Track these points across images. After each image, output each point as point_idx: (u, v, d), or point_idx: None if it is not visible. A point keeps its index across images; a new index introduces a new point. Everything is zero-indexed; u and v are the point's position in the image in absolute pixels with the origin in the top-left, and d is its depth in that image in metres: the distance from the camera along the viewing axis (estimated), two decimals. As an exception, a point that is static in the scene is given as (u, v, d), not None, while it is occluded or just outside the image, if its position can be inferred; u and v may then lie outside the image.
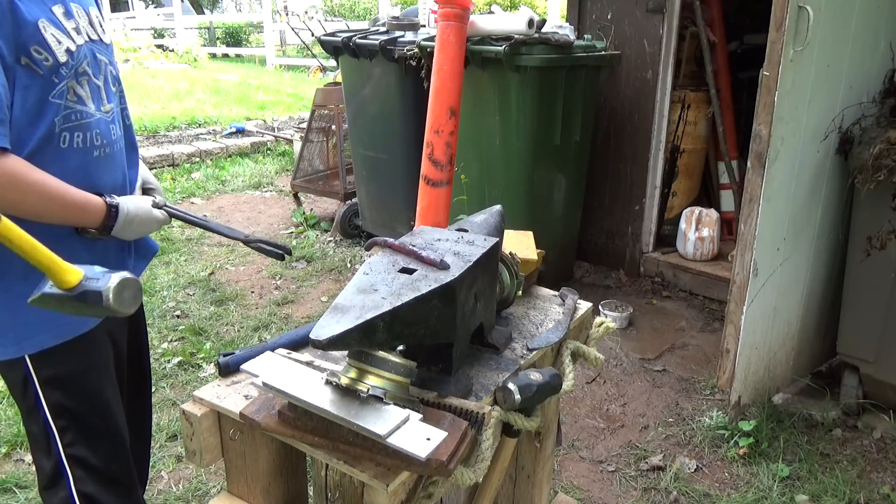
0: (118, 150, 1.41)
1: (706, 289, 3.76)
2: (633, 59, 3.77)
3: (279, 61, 14.57)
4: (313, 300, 3.77)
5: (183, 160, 6.68)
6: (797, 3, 2.15)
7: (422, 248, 1.12)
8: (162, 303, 3.67)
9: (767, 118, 2.23)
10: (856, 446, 2.51)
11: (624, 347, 3.26)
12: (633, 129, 3.88)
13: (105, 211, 1.33)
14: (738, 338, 2.47)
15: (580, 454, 2.52)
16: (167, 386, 2.89)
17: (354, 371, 0.97)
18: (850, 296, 2.62)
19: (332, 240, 4.65)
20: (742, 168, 3.83)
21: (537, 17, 3.20)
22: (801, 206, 2.50)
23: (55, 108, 1.23)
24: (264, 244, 1.59)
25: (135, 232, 1.42)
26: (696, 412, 2.76)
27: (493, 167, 3.53)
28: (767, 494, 2.28)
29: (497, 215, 1.41)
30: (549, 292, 1.56)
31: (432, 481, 1.03)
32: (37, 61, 1.19)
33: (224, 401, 1.12)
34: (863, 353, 2.59)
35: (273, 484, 1.22)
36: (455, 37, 3.03)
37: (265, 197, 5.78)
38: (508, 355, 1.28)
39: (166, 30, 16.81)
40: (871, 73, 2.55)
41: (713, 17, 3.95)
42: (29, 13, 1.17)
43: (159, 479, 2.36)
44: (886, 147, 2.31)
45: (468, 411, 1.05)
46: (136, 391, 1.65)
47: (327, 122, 4.96)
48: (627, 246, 4.06)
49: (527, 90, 3.24)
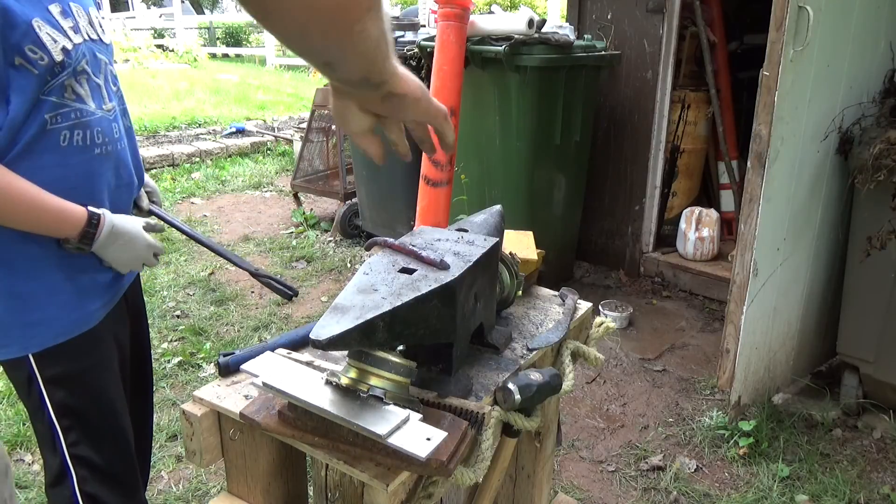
0: (121, 149, 1.41)
1: (706, 289, 3.76)
2: (633, 59, 3.77)
3: (279, 61, 14.57)
4: (313, 300, 3.77)
5: (183, 160, 6.68)
6: (797, 3, 2.15)
7: (422, 248, 1.12)
8: (162, 303, 3.67)
9: (767, 118, 2.23)
10: (856, 446, 2.51)
11: (624, 347, 3.26)
12: (633, 129, 3.88)
13: (85, 219, 1.27)
14: (738, 338, 2.47)
15: (580, 454, 2.52)
16: (167, 386, 2.89)
17: (354, 371, 0.97)
18: (850, 296, 2.62)
19: (332, 240, 4.66)
20: (742, 168, 3.83)
21: (537, 17, 3.20)
22: (800, 206, 2.50)
23: (48, 105, 1.23)
24: (273, 281, 1.59)
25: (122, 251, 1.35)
26: (696, 412, 2.76)
27: (493, 167, 3.53)
28: (767, 494, 2.28)
29: (497, 215, 1.41)
30: (549, 292, 1.56)
31: (432, 481, 1.03)
32: (32, 61, 1.18)
33: (224, 401, 1.12)
34: (863, 353, 2.59)
35: (273, 484, 1.22)
36: (455, 37, 3.03)
37: (265, 197, 5.78)
38: (508, 355, 1.28)
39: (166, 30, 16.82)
40: (871, 73, 2.55)
41: (713, 17, 3.95)
42: (22, 13, 1.17)
43: (159, 479, 2.36)
44: (886, 147, 2.31)
45: (468, 411, 1.05)
46: (137, 391, 1.66)
47: (327, 122, 4.96)
48: (627, 246, 4.06)
49: (527, 90, 3.24)
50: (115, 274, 1.42)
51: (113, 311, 1.44)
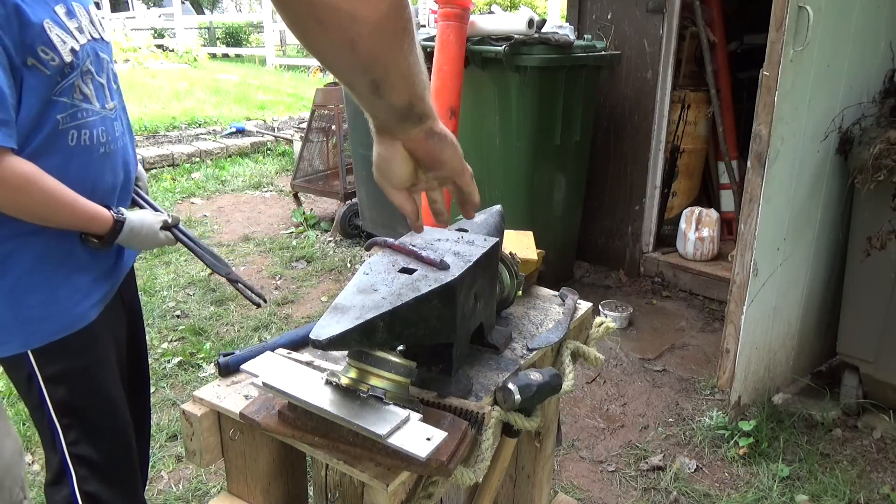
0: (121, 147, 1.41)
1: (706, 289, 3.76)
2: (633, 59, 3.77)
3: (279, 61, 14.58)
4: (313, 300, 3.77)
5: (183, 160, 6.68)
6: (797, 3, 2.15)
7: (422, 248, 1.12)
8: (162, 303, 3.67)
9: (767, 118, 2.23)
10: (856, 446, 2.51)
11: (624, 347, 3.26)
12: (633, 129, 3.88)
13: (111, 225, 1.36)
14: (738, 338, 2.47)
15: (580, 454, 2.52)
16: (167, 386, 2.89)
17: (354, 371, 0.97)
18: (850, 296, 2.62)
19: (332, 240, 4.65)
20: (742, 168, 3.83)
21: (537, 17, 3.20)
22: (801, 206, 2.50)
23: (60, 106, 1.24)
24: (244, 286, 1.63)
25: (135, 245, 1.46)
26: (696, 412, 2.76)
27: (493, 167, 3.53)
28: (767, 494, 2.28)
29: (497, 215, 1.41)
30: (549, 292, 1.56)
31: (432, 481, 1.03)
32: (43, 62, 1.19)
33: (224, 401, 1.12)
34: (863, 353, 2.59)
35: (273, 484, 1.22)
36: (455, 37, 3.03)
37: (265, 197, 5.78)
38: (508, 355, 1.28)
39: (166, 30, 16.82)
40: (871, 73, 2.55)
41: (713, 17, 3.95)
42: (34, 14, 1.18)
43: (159, 479, 2.36)
44: (886, 147, 2.31)
45: (468, 411, 1.05)
46: (135, 390, 1.66)
47: (327, 122, 4.96)
48: (627, 246, 4.06)
49: (527, 90, 3.24)
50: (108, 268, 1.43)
51: (110, 310, 1.45)
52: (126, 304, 1.58)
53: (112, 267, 1.45)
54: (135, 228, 1.40)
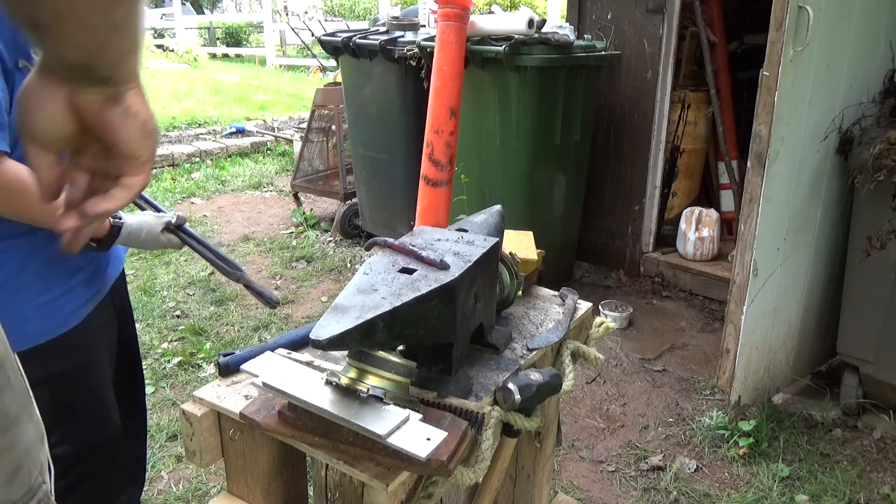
0: None
1: (706, 289, 3.76)
2: (633, 59, 3.77)
3: (279, 61, 14.57)
4: (313, 300, 3.77)
5: (183, 160, 6.67)
6: (797, 3, 2.15)
7: (422, 248, 1.12)
8: (162, 303, 3.67)
9: (767, 118, 2.23)
10: (856, 446, 2.51)
11: (624, 347, 3.26)
12: (633, 129, 3.88)
13: (108, 229, 1.37)
14: (738, 338, 2.47)
15: (580, 454, 2.52)
16: (167, 386, 2.89)
17: (354, 371, 0.97)
18: (850, 296, 2.62)
19: (332, 240, 4.65)
20: (742, 168, 3.83)
21: (537, 17, 3.20)
22: (800, 206, 2.50)
23: None
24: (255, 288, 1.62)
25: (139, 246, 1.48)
26: (696, 412, 2.76)
27: (493, 167, 3.53)
28: (767, 494, 2.28)
29: (497, 215, 1.41)
30: (549, 292, 1.56)
31: (432, 481, 1.03)
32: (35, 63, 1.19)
33: (224, 401, 1.12)
34: (863, 353, 2.59)
35: (273, 484, 1.22)
36: (455, 37, 3.03)
37: (265, 197, 5.78)
38: (508, 355, 1.28)
39: (166, 30, 16.81)
40: (871, 73, 2.55)
41: (713, 17, 3.95)
42: None
43: (159, 479, 2.36)
44: (886, 147, 2.31)
45: (468, 411, 1.05)
46: (128, 392, 1.65)
47: (327, 122, 4.96)
48: (627, 246, 4.06)
49: (527, 90, 3.24)
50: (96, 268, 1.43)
51: (99, 313, 1.44)
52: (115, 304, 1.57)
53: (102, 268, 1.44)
54: (133, 232, 1.40)
